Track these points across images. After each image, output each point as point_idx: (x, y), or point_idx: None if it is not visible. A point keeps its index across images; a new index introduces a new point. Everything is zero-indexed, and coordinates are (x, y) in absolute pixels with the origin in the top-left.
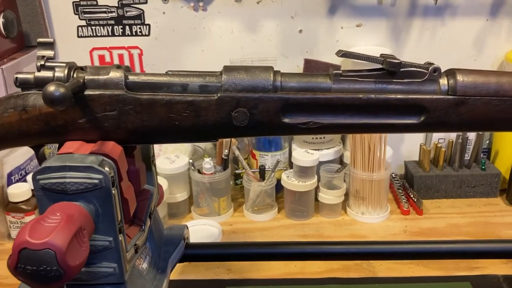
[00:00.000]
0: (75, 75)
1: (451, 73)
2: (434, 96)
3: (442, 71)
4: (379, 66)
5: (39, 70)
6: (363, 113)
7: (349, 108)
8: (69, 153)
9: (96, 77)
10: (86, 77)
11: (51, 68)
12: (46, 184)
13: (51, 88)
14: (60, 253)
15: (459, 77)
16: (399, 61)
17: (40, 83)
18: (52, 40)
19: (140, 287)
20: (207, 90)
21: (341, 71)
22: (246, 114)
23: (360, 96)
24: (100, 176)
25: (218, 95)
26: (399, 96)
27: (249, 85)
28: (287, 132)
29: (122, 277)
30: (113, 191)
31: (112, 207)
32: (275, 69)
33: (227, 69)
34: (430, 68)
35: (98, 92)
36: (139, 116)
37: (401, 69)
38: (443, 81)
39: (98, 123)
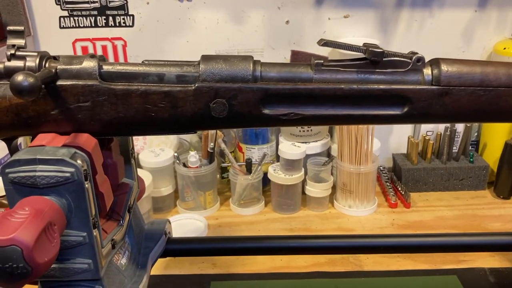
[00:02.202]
0: (47, 65)
1: (435, 62)
2: (418, 87)
3: (427, 61)
4: (362, 55)
5: (9, 60)
6: (345, 104)
7: (331, 99)
8: (40, 146)
9: (68, 66)
10: (58, 66)
11: (22, 58)
12: (15, 177)
13: (19, 77)
14: (26, 249)
15: (443, 67)
16: (381, 50)
17: (10, 73)
18: (22, 28)
19: (118, 283)
20: (184, 80)
21: (322, 61)
22: (225, 105)
23: (342, 86)
24: (72, 169)
25: (196, 85)
26: (381, 87)
27: (228, 75)
28: (267, 123)
29: (97, 273)
30: (86, 185)
31: (85, 201)
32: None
33: (205, 58)
34: (414, 57)
35: (70, 83)
36: (114, 107)
37: (384, 59)
38: (427, 71)
39: (72, 114)
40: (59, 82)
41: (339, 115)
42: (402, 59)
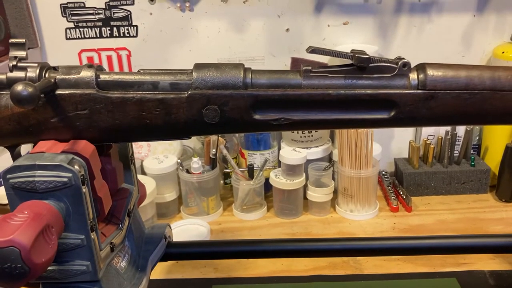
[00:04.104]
0: (47, 75)
1: (421, 67)
2: (404, 91)
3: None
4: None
5: (11, 71)
6: (333, 109)
7: (319, 104)
8: (40, 152)
9: (67, 76)
10: (57, 76)
11: (23, 69)
12: (16, 183)
13: (19, 87)
14: (24, 250)
15: (429, 72)
16: (368, 56)
17: (12, 84)
18: (24, 40)
19: (117, 286)
20: (177, 88)
21: (311, 68)
22: (217, 111)
23: (330, 92)
24: (69, 175)
25: (189, 92)
26: (368, 91)
27: (220, 82)
28: (259, 128)
29: (95, 275)
30: (84, 190)
31: (82, 205)
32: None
33: (198, 66)
34: (400, 62)
35: (69, 92)
36: (110, 115)
37: (371, 64)
38: (413, 76)
39: (70, 122)
40: (58, 91)
41: (328, 119)
42: (388, 64)
